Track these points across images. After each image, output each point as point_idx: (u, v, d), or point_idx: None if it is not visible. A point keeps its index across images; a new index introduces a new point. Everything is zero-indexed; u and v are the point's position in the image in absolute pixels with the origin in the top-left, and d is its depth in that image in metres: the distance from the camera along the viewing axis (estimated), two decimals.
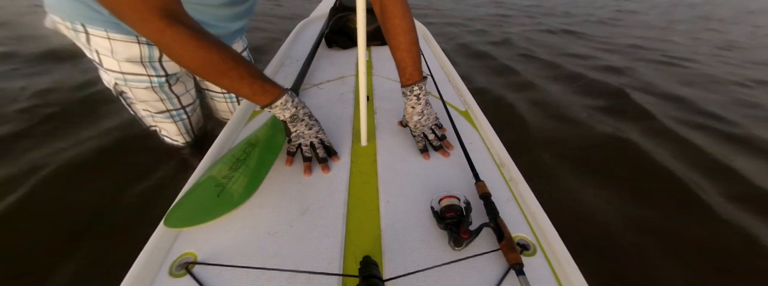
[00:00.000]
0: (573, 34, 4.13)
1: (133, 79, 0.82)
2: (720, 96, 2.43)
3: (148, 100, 0.88)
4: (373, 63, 1.24)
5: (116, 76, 0.81)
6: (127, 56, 0.77)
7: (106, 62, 0.79)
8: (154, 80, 0.84)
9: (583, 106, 2.14)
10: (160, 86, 0.86)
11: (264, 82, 0.64)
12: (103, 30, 0.72)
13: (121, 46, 0.75)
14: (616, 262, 1.10)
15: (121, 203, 1.19)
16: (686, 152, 1.68)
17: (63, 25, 0.74)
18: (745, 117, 2.11)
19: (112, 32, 0.72)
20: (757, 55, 3.66)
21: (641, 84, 2.53)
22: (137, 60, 0.79)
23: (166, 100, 0.91)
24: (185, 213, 0.56)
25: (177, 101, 0.94)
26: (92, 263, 0.99)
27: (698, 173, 1.51)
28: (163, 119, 0.95)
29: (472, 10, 5.37)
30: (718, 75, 2.90)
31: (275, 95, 0.65)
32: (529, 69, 2.76)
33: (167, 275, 0.50)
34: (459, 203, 0.56)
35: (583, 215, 1.27)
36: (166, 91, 0.89)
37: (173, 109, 0.94)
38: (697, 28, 5.05)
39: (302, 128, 0.71)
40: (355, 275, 0.49)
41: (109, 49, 0.75)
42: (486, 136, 0.83)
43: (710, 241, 1.18)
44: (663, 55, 3.38)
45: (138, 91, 0.85)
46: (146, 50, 0.78)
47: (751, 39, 4.51)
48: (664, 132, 1.85)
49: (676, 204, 1.34)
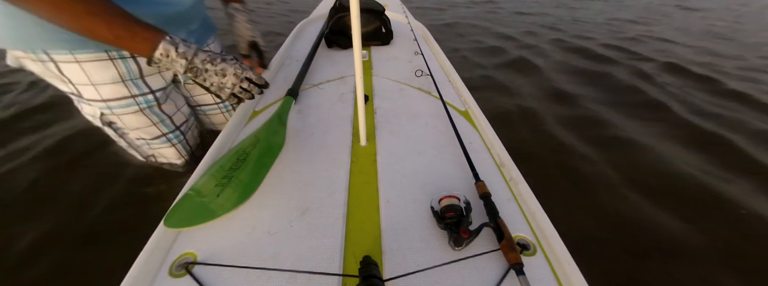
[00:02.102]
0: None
1: (118, 104, 0.74)
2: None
3: (140, 126, 0.80)
4: (372, 63, 1.24)
5: (100, 106, 0.74)
6: (105, 78, 0.70)
7: (85, 92, 0.71)
8: (140, 101, 0.76)
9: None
10: (150, 108, 0.79)
11: (130, 23, 0.53)
12: (68, 52, 0.64)
13: (94, 67, 0.67)
14: (616, 262, 1.10)
15: (121, 203, 1.19)
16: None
17: (27, 58, 0.65)
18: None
19: (78, 52, 0.65)
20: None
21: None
22: (118, 80, 0.71)
23: (159, 124, 0.83)
24: (185, 213, 0.56)
25: (170, 122, 0.86)
26: (92, 263, 0.99)
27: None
28: (159, 145, 0.88)
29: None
30: None
31: (150, 41, 0.54)
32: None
33: (167, 275, 0.50)
34: (459, 203, 0.56)
35: (583, 215, 1.27)
36: (157, 112, 0.82)
37: (168, 131, 0.87)
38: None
39: (216, 78, 0.61)
40: (355, 275, 0.49)
41: (83, 76, 0.68)
42: (486, 137, 0.83)
43: (709, 240, 1.18)
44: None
45: (127, 117, 0.77)
46: (123, 66, 0.70)
47: None
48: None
49: (676, 204, 1.34)
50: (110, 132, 0.82)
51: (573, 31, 3.88)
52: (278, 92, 1.02)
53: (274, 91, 1.04)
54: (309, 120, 0.89)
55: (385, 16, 1.43)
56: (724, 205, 1.34)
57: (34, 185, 1.26)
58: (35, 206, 1.17)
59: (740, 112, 2.08)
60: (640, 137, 1.78)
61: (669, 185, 1.44)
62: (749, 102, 2.20)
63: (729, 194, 1.37)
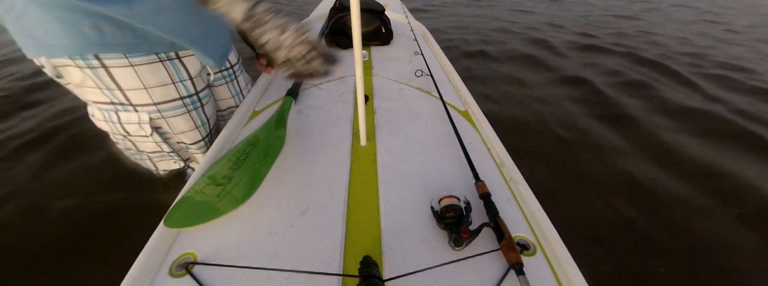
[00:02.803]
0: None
1: (168, 107, 0.75)
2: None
3: (185, 130, 0.81)
4: (372, 63, 1.24)
5: (150, 110, 0.73)
6: (158, 81, 0.70)
7: (135, 98, 0.70)
8: (187, 102, 0.78)
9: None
10: (195, 109, 0.80)
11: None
12: (122, 54, 0.63)
13: (147, 70, 0.68)
14: (616, 262, 1.10)
15: (121, 203, 1.19)
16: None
17: (72, 66, 0.62)
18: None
19: (133, 55, 0.65)
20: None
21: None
22: (168, 82, 0.72)
23: (200, 127, 0.84)
24: (185, 213, 0.56)
25: (208, 127, 0.87)
26: (92, 263, 0.99)
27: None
28: (197, 150, 0.88)
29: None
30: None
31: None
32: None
33: (167, 275, 0.50)
34: (459, 203, 0.56)
35: (584, 215, 1.27)
36: (201, 114, 0.83)
37: (206, 135, 0.88)
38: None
39: (274, 33, 0.54)
40: (355, 275, 0.49)
41: (136, 79, 0.67)
42: (486, 137, 0.83)
43: (708, 240, 1.18)
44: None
45: (175, 120, 0.78)
46: (172, 68, 0.72)
47: None
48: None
49: (677, 203, 1.34)
50: (155, 139, 0.79)
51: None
52: (278, 92, 1.02)
53: (274, 91, 1.04)
54: (309, 120, 0.89)
55: (385, 16, 1.43)
56: (723, 206, 1.34)
57: (33, 186, 1.26)
58: (36, 206, 1.17)
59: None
60: (641, 137, 1.79)
61: (670, 184, 1.44)
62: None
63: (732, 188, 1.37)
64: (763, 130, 1.83)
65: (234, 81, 0.95)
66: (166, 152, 0.84)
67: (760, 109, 2.10)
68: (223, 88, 0.93)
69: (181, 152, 0.88)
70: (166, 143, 0.81)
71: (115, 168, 1.30)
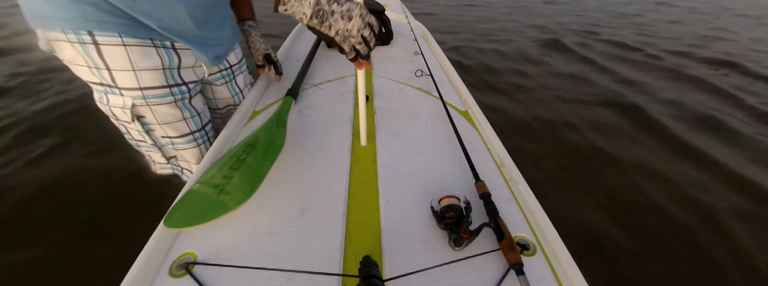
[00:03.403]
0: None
1: (154, 94, 0.72)
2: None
3: (171, 121, 0.78)
4: (372, 63, 1.24)
5: (134, 95, 0.70)
6: (148, 65, 0.68)
7: (121, 79, 0.68)
8: (175, 91, 0.75)
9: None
10: (183, 100, 0.78)
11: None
12: (117, 34, 0.62)
13: (139, 52, 0.66)
14: (616, 262, 1.10)
15: (121, 203, 1.19)
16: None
17: (64, 40, 0.62)
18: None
19: (127, 36, 0.64)
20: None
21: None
22: (159, 67, 0.70)
23: (189, 119, 0.81)
24: (185, 213, 0.55)
25: (199, 120, 0.85)
26: (92, 263, 0.99)
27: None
28: (184, 145, 0.84)
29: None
30: None
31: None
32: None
33: (167, 275, 0.50)
34: (459, 203, 0.56)
35: (584, 215, 1.27)
36: (188, 106, 0.80)
37: (196, 130, 0.84)
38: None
39: (341, 23, 0.55)
40: (355, 275, 0.49)
41: (126, 60, 0.65)
42: (486, 137, 0.83)
43: (706, 238, 1.18)
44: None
45: (161, 108, 0.75)
46: (165, 56, 0.70)
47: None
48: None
49: (676, 203, 1.34)
50: (136, 128, 0.77)
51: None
52: (278, 92, 1.02)
53: (274, 91, 1.04)
54: (309, 120, 0.89)
55: (385, 16, 1.43)
56: (723, 206, 1.34)
57: (34, 185, 1.26)
58: (35, 206, 1.17)
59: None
60: (641, 138, 1.79)
61: (670, 184, 1.44)
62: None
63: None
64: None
65: (232, 81, 0.95)
66: (149, 144, 0.81)
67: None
68: (221, 87, 0.93)
69: (165, 148, 0.85)
70: (147, 134, 0.79)
71: (115, 168, 1.31)
